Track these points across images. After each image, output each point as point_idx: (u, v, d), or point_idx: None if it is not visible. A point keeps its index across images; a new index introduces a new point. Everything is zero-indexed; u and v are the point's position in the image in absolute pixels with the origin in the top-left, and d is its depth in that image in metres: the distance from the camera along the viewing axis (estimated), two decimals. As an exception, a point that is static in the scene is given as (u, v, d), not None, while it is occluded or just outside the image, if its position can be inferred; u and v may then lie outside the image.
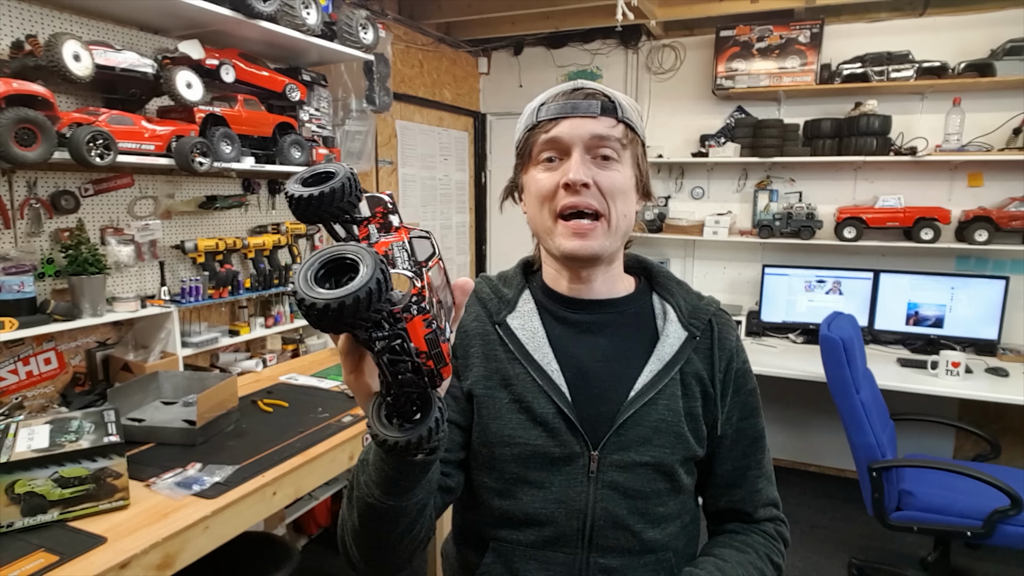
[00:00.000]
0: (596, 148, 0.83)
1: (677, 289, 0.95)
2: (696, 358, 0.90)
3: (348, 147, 3.03)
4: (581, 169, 0.81)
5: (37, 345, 1.90)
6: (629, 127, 0.85)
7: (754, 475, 0.94)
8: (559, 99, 0.85)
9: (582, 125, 0.82)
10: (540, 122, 0.85)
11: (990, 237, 3.08)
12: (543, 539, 0.85)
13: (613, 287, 0.93)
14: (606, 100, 0.84)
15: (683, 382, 0.88)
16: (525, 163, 0.89)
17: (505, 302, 0.93)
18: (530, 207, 0.89)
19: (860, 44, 3.39)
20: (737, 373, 0.93)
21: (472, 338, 0.92)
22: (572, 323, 0.91)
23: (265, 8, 2.12)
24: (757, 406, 0.95)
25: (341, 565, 2.79)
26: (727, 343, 0.92)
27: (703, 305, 0.93)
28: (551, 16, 3.72)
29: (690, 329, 0.90)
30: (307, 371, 2.55)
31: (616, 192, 0.83)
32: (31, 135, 1.59)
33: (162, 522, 1.34)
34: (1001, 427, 3.24)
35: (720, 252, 3.91)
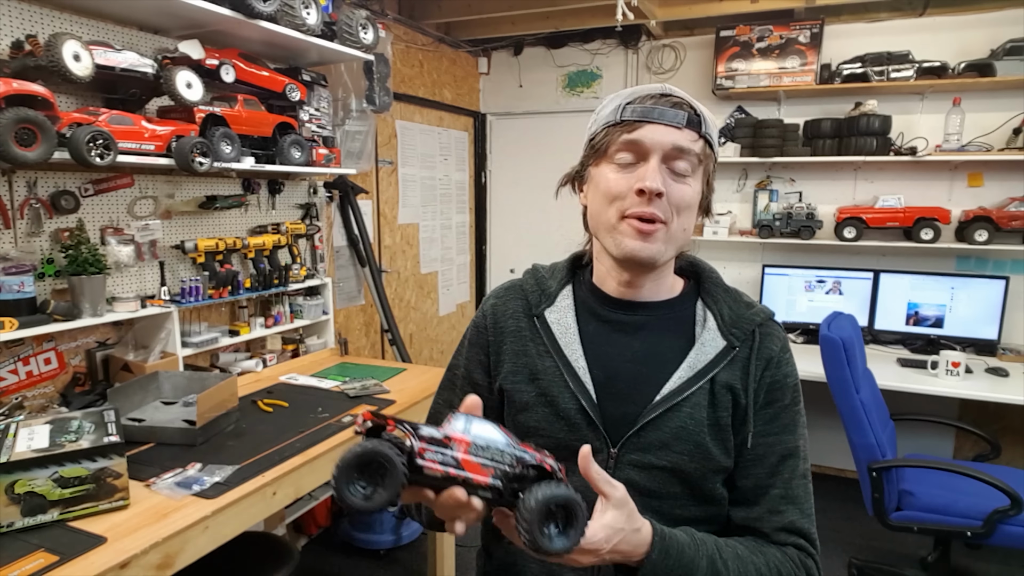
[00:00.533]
0: (674, 159, 0.83)
1: (723, 296, 0.93)
2: (731, 368, 0.87)
3: (348, 147, 3.03)
4: (658, 178, 0.81)
5: (37, 345, 1.90)
6: (708, 143, 0.85)
7: (777, 495, 0.87)
8: (646, 101, 0.83)
9: (666, 134, 0.82)
10: (623, 121, 0.83)
11: (990, 237, 3.08)
12: None
13: (658, 291, 0.92)
14: (692, 112, 0.84)
15: (712, 392, 0.87)
16: (598, 157, 0.88)
17: (547, 295, 0.95)
18: (594, 202, 0.88)
19: (860, 44, 3.39)
20: (772, 385, 0.88)
21: (505, 335, 0.95)
22: (609, 321, 0.91)
23: (265, 8, 2.12)
24: (792, 424, 0.89)
25: (341, 565, 2.80)
26: (766, 352, 0.89)
27: (749, 315, 0.90)
28: (551, 16, 3.72)
29: (729, 338, 0.88)
30: (307, 371, 2.55)
31: (684, 206, 0.84)
32: (31, 135, 1.58)
33: (162, 522, 1.34)
34: (1001, 427, 3.24)
35: (720, 252, 3.91)
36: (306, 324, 2.75)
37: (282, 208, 2.74)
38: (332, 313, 2.87)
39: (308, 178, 2.86)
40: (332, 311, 2.88)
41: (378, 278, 3.29)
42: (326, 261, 3.05)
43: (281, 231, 2.60)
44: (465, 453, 0.66)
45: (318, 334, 2.86)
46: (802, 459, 0.89)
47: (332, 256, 3.18)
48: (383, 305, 3.30)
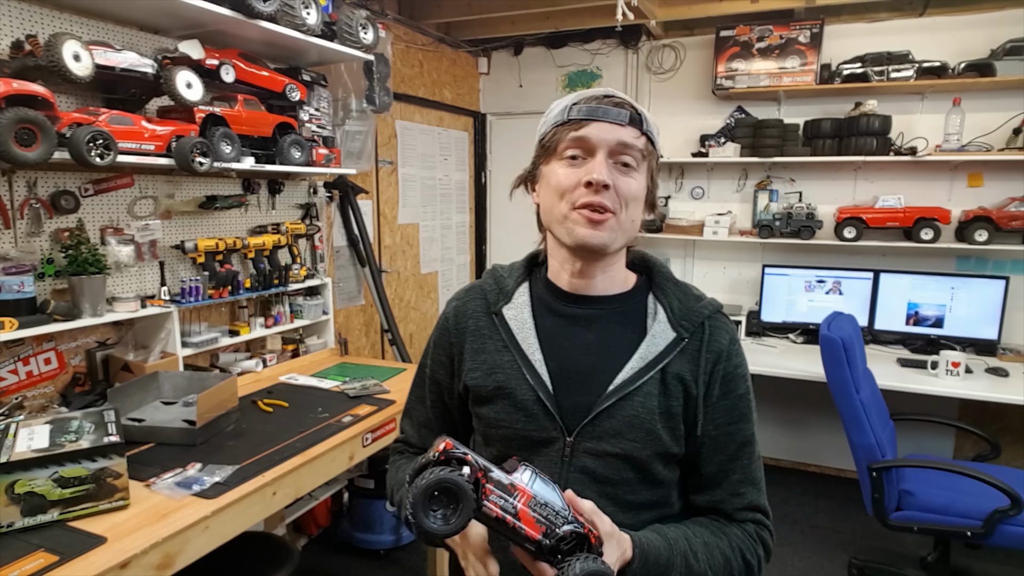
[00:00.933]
0: (619, 154, 0.88)
1: (673, 290, 0.97)
2: (681, 359, 0.92)
3: (348, 147, 3.03)
4: (604, 170, 0.86)
5: (37, 345, 1.90)
6: (650, 140, 0.91)
7: (737, 479, 0.94)
8: (591, 102, 0.89)
9: (611, 130, 0.88)
10: (570, 120, 0.89)
11: (990, 237, 3.08)
12: None
13: (611, 284, 0.96)
14: (634, 112, 0.90)
15: (664, 381, 0.91)
16: (548, 156, 0.93)
17: (504, 294, 0.99)
18: (546, 198, 0.93)
19: (860, 44, 3.39)
20: (725, 376, 0.93)
21: (467, 335, 1.00)
22: (565, 316, 0.96)
23: (265, 8, 2.12)
24: (747, 412, 0.95)
25: (341, 565, 2.80)
26: (716, 345, 0.93)
27: (698, 307, 0.95)
28: (551, 16, 3.72)
29: (679, 330, 0.92)
30: (307, 371, 2.55)
31: (631, 198, 0.89)
32: (31, 135, 1.58)
33: (162, 522, 1.34)
34: (1001, 427, 3.24)
35: (720, 252, 3.91)
36: (306, 324, 2.75)
37: (282, 208, 2.74)
38: (332, 313, 2.87)
39: (308, 178, 2.86)
40: (332, 311, 2.88)
41: (378, 278, 3.29)
42: (326, 261, 3.05)
43: (281, 231, 2.60)
44: (524, 505, 0.71)
45: (318, 334, 2.86)
46: (756, 443, 0.97)
47: (332, 256, 3.18)
48: (383, 305, 3.30)
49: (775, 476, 3.72)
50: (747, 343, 3.49)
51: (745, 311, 3.64)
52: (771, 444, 3.87)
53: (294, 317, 2.71)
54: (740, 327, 3.56)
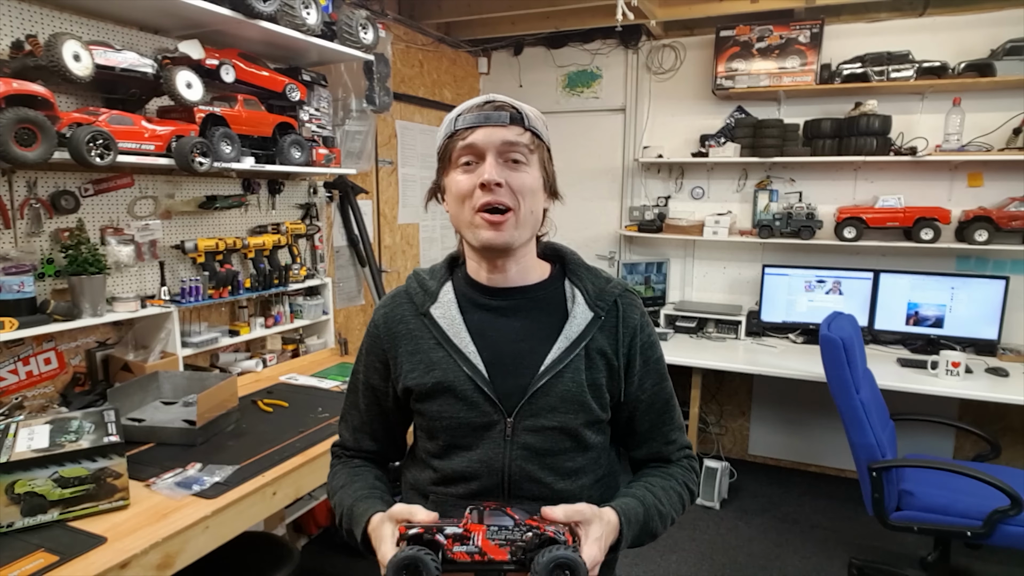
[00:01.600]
0: (507, 153, 0.95)
1: (586, 274, 1.06)
2: (601, 335, 1.02)
3: (348, 147, 3.03)
4: (495, 170, 0.93)
5: (37, 345, 1.90)
6: (535, 135, 0.98)
7: (668, 429, 1.09)
8: (474, 110, 0.97)
9: (494, 133, 0.94)
10: (458, 130, 0.97)
11: (990, 237, 3.08)
12: (471, 492, 0.99)
13: (527, 275, 1.04)
14: (514, 112, 0.96)
15: (588, 357, 1.00)
16: (446, 167, 1.00)
17: (429, 294, 1.05)
18: (451, 205, 1.00)
19: (860, 44, 3.39)
20: (643, 346, 1.05)
21: (399, 339, 1.05)
22: (490, 309, 1.03)
23: (265, 8, 2.12)
24: (664, 372, 1.09)
25: (341, 565, 2.80)
26: (631, 321, 1.04)
27: (609, 288, 1.04)
28: (551, 16, 3.72)
29: (596, 310, 1.02)
30: (307, 371, 2.55)
31: (525, 191, 0.96)
32: (31, 135, 1.58)
33: (162, 522, 1.34)
34: (1001, 427, 3.24)
35: (720, 252, 3.91)
36: (306, 324, 2.75)
37: (282, 208, 2.74)
38: (332, 313, 2.87)
39: (308, 178, 2.86)
40: (332, 311, 2.88)
41: (378, 278, 3.29)
42: (326, 261, 3.05)
43: (281, 231, 2.60)
44: (483, 538, 0.81)
45: (318, 334, 2.86)
46: (674, 395, 1.11)
47: (332, 256, 3.18)
48: (383, 305, 3.29)
49: (775, 476, 3.73)
50: (747, 343, 3.50)
51: (745, 311, 3.64)
52: (771, 444, 3.87)
53: (294, 317, 2.71)
54: (740, 327, 3.57)
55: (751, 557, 2.90)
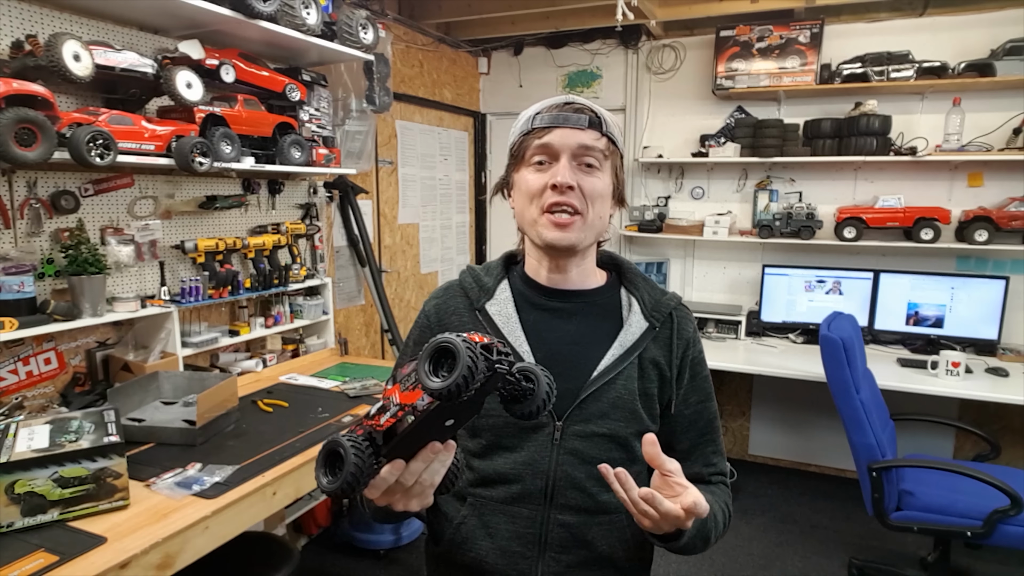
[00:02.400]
0: (582, 156, 0.95)
1: (643, 284, 1.06)
2: (655, 346, 1.01)
3: (348, 147, 3.03)
4: (568, 173, 0.93)
5: (37, 345, 1.90)
6: (611, 140, 0.98)
7: (710, 450, 1.06)
8: (553, 110, 0.96)
9: (572, 135, 0.94)
10: (534, 129, 0.97)
11: (990, 237, 3.08)
12: (511, 495, 0.97)
13: (586, 279, 1.04)
14: (593, 115, 0.96)
15: (641, 366, 1.00)
16: (518, 164, 1.00)
17: (485, 290, 1.04)
18: (519, 202, 1.01)
19: (860, 44, 3.39)
20: (693, 360, 1.04)
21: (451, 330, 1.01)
22: (546, 309, 1.02)
23: (265, 8, 2.12)
24: (711, 391, 1.07)
25: (341, 565, 2.80)
26: (685, 333, 1.04)
27: (665, 300, 1.04)
28: (551, 16, 3.72)
29: (651, 320, 1.02)
30: (307, 371, 2.55)
31: (596, 196, 0.96)
32: (31, 135, 1.58)
33: (162, 522, 1.34)
34: (1001, 427, 3.24)
35: (720, 252, 3.91)
36: (306, 324, 2.75)
37: (282, 208, 2.74)
38: (332, 313, 2.87)
39: (308, 178, 2.86)
40: (332, 311, 2.88)
41: (378, 278, 3.29)
42: (326, 261, 3.05)
43: (281, 231, 2.60)
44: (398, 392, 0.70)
45: (318, 334, 2.86)
46: (719, 416, 1.09)
47: (332, 256, 3.18)
48: (383, 305, 3.30)
49: (775, 476, 3.73)
50: (747, 343, 3.50)
51: (745, 311, 3.64)
52: (771, 444, 3.87)
53: (294, 317, 2.71)
54: (740, 327, 3.56)
55: (751, 557, 2.90)
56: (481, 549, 0.98)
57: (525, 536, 0.96)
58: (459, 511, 1.01)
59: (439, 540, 1.03)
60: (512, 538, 0.97)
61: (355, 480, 0.69)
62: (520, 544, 0.96)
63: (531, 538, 0.96)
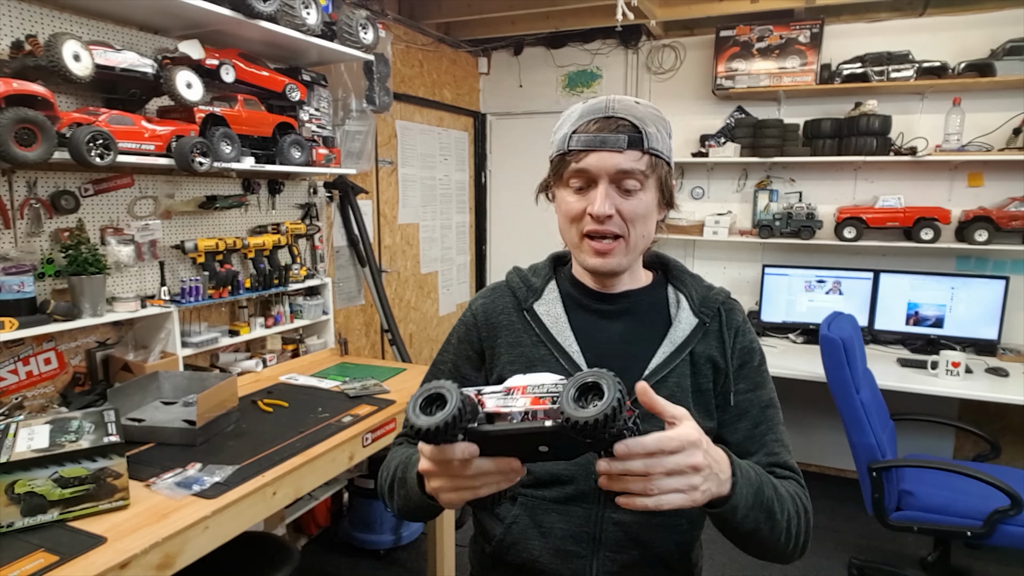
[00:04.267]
0: (620, 180, 0.90)
1: (691, 281, 1.04)
2: (707, 341, 0.99)
3: (348, 147, 3.03)
4: (606, 203, 0.89)
5: (37, 345, 1.90)
6: (655, 155, 0.91)
7: (771, 439, 0.98)
8: (591, 127, 0.90)
9: (609, 159, 0.89)
10: (571, 150, 0.91)
11: (990, 237, 3.08)
12: (565, 495, 0.95)
13: (633, 282, 1.03)
14: (634, 133, 0.89)
15: (693, 363, 0.98)
16: (557, 180, 0.97)
17: (533, 290, 1.04)
18: (560, 220, 0.98)
19: (860, 44, 3.39)
20: (743, 350, 1.01)
21: (499, 329, 1.03)
22: (594, 310, 1.01)
23: (265, 8, 2.12)
24: (764, 380, 1.01)
25: (341, 565, 2.80)
26: (734, 324, 1.02)
27: (713, 295, 1.03)
28: (551, 16, 3.72)
29: (700, 316, 1.00)
30: (307, 371, 2.55)
31: (637, 218, 0.92)
32: (31, 135, 1.58)
33: (162, 522, 1.34)
34: (1001, 427, 3.24)
35: (720, 252, 3.91)
36: (306, 324, 2.75)
37: (282, 208, 2.74)
38: (332, 313, 2.87)
39: (308, 178, 2.86)
40: (332, 311, 2.88)
41: (378, 278, 3.29)
42: (326, 261, 3.05)
43: (281, 231, 2.60)
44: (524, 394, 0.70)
45: (318, 334, 2.86)
46: (778, 408, 1.02)
47: (332, 256, 3.18)
48: (383, 305, 3.30)
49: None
50: (747, 343, 3.49)
51: (745, 311, 3.63)
52: (771, 444, 3.87)
53: (294, 317, 2.71)
54: (740, 327, 3.56)
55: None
56: (535, 549, 0.96)
57: (579, 535, 0.95)
58: (510, 510, 0.99)
59: (490, 539, 1.02)
60: (566, 537, 0.95)
61: (449, 428, 0.66)
62: (574, 543, 0.95)
63: (585, 537, 0.95)
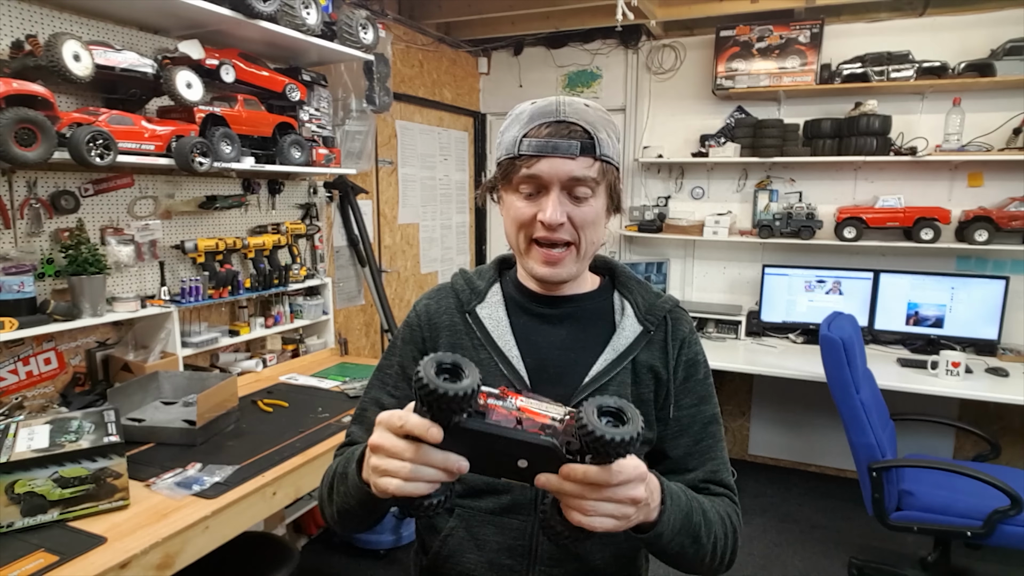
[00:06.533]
0: (572, 187, 0.88)
1: (637, 288, 1.03)
2: (650, 350, 0.97)
3: (348, 147, 3.03)
4: (558, 211, 0.87)
5: (37, 345, 1.90)
6: (606, 162, 0.90)
7: (710, 456, 0.98)
8: (542, 132, 0.87)
9: (562, 166, 0.86)
10: (522, 155, 0.88)
11: (990, 237, 3.08)
12: (501, 506, 0.94)
13: (579, 287, 1.01)
14: (586, 139, 0.87)
15: (635, 371, 0.96)
16: (506, 184, 0.93)
17: (476, 293, 1.01)
18: (507, 224, 0.95)
19: (860, 44, 3.39)
20: (687, 362, 0.99)
21: (441, 330, 1.00)
22: (537, 315, 0.99)
23: (265, 8, 2.12)
24: (707, 394, 1.00)
25: (341, 565, 2.80)
26: (679, 334, 0.99)
27: (660, 303, 1.01)
28: (551, 16, 3.71)
29: (645, 324, 0.98)
30: (307, 371, 2.55)
31: (588, 225, 0.90)
32: (31, 135, 1.59)
33: (162, 522, 1.34)
34: (1001, 427, 3.24)
35: (720, 252, 3.91)
36: (306, 324, 2.75)
37: (282, 208, 2.74)
38: (332, 313, 2.87)
39: (308, 178, 2.86)
40: (332, 311, 2.88)
41: (378, 278, 3.29)
42: (326, 261, 3.05)
43: (281, 231, 2.60)
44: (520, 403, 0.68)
45: (318, 334, 2.86)
46: (720, 424, 1.02)
47: (332, 256, 3.18)
48: (383, 305, 3.30)
49: (775, 476, 3.72)
50: (747, 343, 3.50)
51: (745, 311, 3.64)
52: (771, 444, 3.87)
53: (294, 317, 2.71)
54: (740, 327, 3.56)
55: (751, 557, 2.90)
56: (469, 562, 0.95)
57: (515, 548, 0.93)
58: (446, 522, 0.97)
59: (427, 551, 1.01)
60: (501, 550, 0.93)
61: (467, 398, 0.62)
62: (510, 556, 0.93)
63: (521, 550, 0.93)
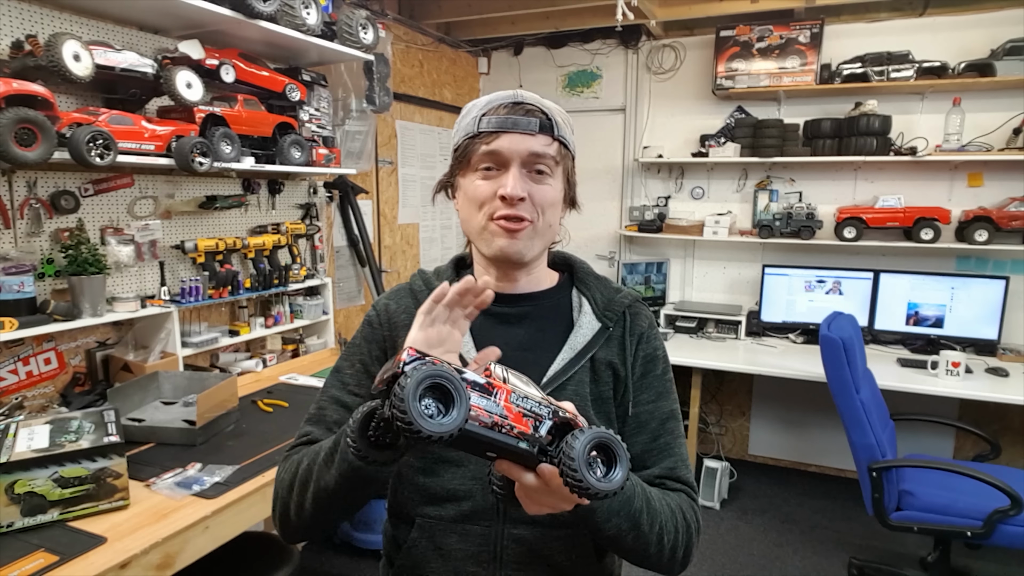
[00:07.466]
0: (532, 164, 0.89)
1: (595, 284, 1.01)
2: (608, 347, 0.96)
3: (348, 147, 3.03)
4: (519, 184, 0.87)
5: (37, 345, 1.90)
6: (563, 144, 0.91)
7: (665, 455, 0.96)
8: (501, 111, 0.89)
9: (521, 141, 0.87)
10: (481, 132, 0.89)
11: (990, 237, 3.08)
12: (462, 513, 0.92)
13: (536, 284, 0.99)
14: (544, 118, 0.89)
15: (593, 369, 0.95)
16: (463, 167, 0.93)
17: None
18: (464, 209, 0.94)
19: (860, 44, 3.39)
20: (646, 357, 0.98)
21: (399, 329, 0.99)
22: (494, 315, 0.96)
23: (265, 8, 2.12)
24: (666, 391, 0.99)
25: (341, 565, 2.80)
26: (638, 329, 0.98)
27: (619, 298, 0.99)
28: (551, 16, 3.72)
29: (603, 320, 0.97)
30: (307, 371, 2.55)
31: (547, 204, 0.90)
32: (31, 135, 1.58)
33: (162, 522, 1.34)
34: (1001, 427, 3.24)
35: (720, 252, 3.91)
36: (306, 324, 2.75)
37: (282, 208, 2.74)
38: (332, 313, 2.87)
39: (308, 178, 2.86)
40: (332, 311, 2.88)
41: (378, 278, 3.29)
42: (326, 261, 3.05)
43: (281, 231, 2.60)
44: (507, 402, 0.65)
45: (318, 334, 2.86)
46: (679, 420, 1.00)
47: (332, 256, 3.18)
48: (383, 305, 3.29)
49: (775, 476, 3.72)
50: (747, 343, 3.50)
51: (745, 311, 3.64)
52: (771, 444, 3.87)
53: (294, 317, 2.71)
54: (740, 327, 3.56)
55: (751, 557, 2.90)
56: (434, 572, 0.93)
57: (480, 555, 0.91)
58: (408, 534, 0.95)
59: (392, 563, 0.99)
60: (466, 558, 0.92)
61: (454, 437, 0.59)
62: (475, 564, 0.91)
63: (486, 556, 0.91)
